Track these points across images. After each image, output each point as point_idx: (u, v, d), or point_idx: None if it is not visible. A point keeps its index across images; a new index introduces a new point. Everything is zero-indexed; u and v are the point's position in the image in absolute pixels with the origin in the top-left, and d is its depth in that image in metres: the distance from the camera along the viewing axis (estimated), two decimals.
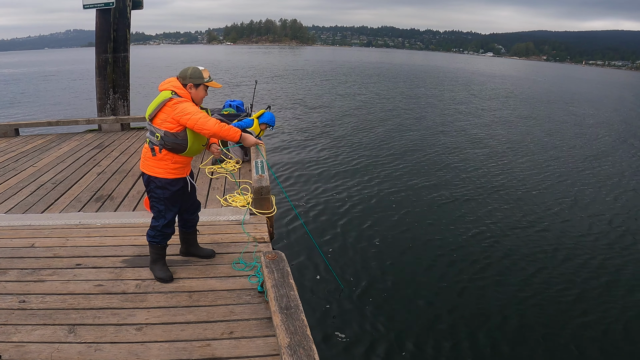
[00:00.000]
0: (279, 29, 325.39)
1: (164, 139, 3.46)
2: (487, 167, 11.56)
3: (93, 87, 11.18)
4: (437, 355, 4.54)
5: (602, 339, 4.88)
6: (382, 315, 5.11)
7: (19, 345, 2.93)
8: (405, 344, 4.66)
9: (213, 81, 3.63)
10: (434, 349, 4.63)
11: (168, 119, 3.40)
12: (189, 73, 3.50)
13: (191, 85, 3.51)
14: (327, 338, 4.67)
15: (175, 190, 3.67)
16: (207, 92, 3.65)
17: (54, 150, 8.26)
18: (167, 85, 3.54)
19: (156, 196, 3.68)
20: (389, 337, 4.75)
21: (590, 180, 10.90)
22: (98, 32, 10.14)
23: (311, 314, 4.93)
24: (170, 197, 3.67)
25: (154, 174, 3.60)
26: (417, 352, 4.56)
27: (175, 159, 3.57)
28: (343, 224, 7.55)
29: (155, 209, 3.74)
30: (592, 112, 24.45)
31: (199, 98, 3.59)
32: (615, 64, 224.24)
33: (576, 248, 7.07)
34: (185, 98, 3.48)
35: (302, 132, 15.11)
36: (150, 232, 3.78)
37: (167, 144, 3.47)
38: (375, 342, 4.66)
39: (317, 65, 57.65)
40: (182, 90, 3.51)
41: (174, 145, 3.48)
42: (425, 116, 19.66)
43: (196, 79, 3.51)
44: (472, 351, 4.62)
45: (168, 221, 3.73)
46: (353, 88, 31.11)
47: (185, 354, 2.90)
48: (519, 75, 60.97)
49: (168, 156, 3.54)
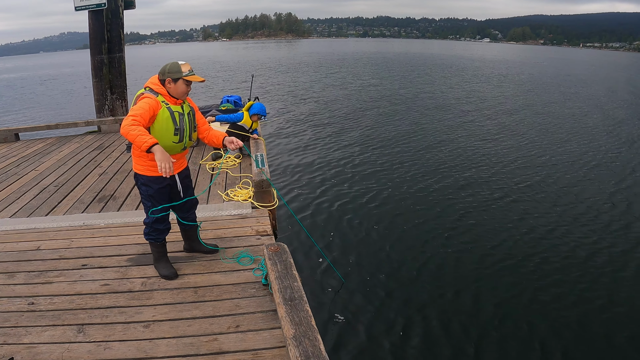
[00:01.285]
0: (274, 23, 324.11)
1: None
2: (489, 155, 11.55)
3: (90, 89, 11.20)
4: (442, 345, 4.58)
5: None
6: (385, 304, 5.15)
7: (30, 347, 2.98)
8: (409, 332, 4.70)
9: (193, 75, 3.55)
10: (438, 339, 4.66)
11: None
12: (167, 68, 3.45)
13: (169, 80, 3.45)
14: (332, 328, 4.71)
15: (158, 188, 3.65)
16: (189, 86, 3.55)
17: (55, 154, 8.30)
18: (147, 82, 3.54)
19: (142, 193, 3.70)
20: (394, 326, 4.78)
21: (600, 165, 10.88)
22: (92, 34, 10.14)
23: (315, 304, 4.98)
24: (154, 194, 3.66)
25: (137, 170, 3.62)
26: (422, 342, 4.59)
27: (151, 156, 3.43)
28: (341, 215, 7.56)
29: (144, 206, 3.77)
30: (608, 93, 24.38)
31: (179, 93, 3.50)
32: (612, 46, 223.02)
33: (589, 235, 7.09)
34: (160, 93, 3.46)
35: (300, 124, 15.09)
36: (145, 230, 3.82)
37: None
38: (380, 331, 4.69)
39: (315, 58, 57.39)
40: (158, 85, 3.48)
41: None
42: (424, 104, 19.60)
43: (174, 74, 3.44)
44: (475, 342, 4.66)
45: (157, 218, 3.74)
46: (353, 79, 31.00)
47: (193, 349, 2.94)
48: (520, 60, 60.62)
49: (142, 153, 3.50)
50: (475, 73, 37.13)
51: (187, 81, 3.50)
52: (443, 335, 4.69)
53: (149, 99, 3.37)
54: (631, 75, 41.15)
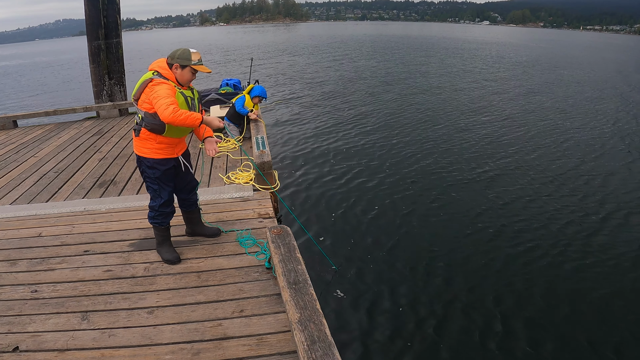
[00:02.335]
0: (271, 7, 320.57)
1: (144, 119, 3.46)
2: (493, 142, 11.48)
3: (88, 74, 11.10)
4: (445, 329, 4.58)
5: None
6: (390, 287, 5.14)
7: (35, 335, 2.96)
8: (415, 317, 4.69)
9: (202, 65, 3.56)
10: (442, 323, 4.66)
11: (146, 100, 3.39)
12: (178, 54, 3.44)
13: (177, 65, 3.44)
14: (337, 312, 4.69)
15: (165, 170, 3.65)
16: (195, 75, 3.56)
17: (54, 140, 8.24)
18: (154, 65, 3.52)
19: (148, 176, 3.68)
20: (399, 309, 4.77)
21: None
22: (88, 20, 10.02)
23: (319, 288, 4.96)
24: (161, 176, 3.66)
25: (141, 154, 3.60)
26: (427, 327, 4.59)
27: (159, 139, 3.54)
28: (342, 197, 7.52)
29: (150, 189, 3.74)
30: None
31: (185, 80, 3.51)
32: (613, 29, 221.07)
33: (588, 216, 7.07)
34: (169, 79, 3.44)
35: (300, 107, 14.96)
36: (150, 214, 3.80)
37: (147, 124, 3.46)
38: (384, 315, 4.68)
39: (314, 42, 56.86)
40: (167, 70, 3.46)
41: (153, 126, 3.45)
42: (424, 89, 19.45)
43: (183, 60, 3.43)
44: (474, 325, 4.66)
45: (165, 200, 3.73)
46: (352, 62, 30.73)
47: (198, 334, 2.93)
48: (519, 43, 60.17)
49: (151, 136, 3.52)
50: (474, 55, 36.84)
51: (193, 70, 3.50)
52: (446, 319, 4.68)
53: (166, 85, 3.37)
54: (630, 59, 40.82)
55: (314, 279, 3.86)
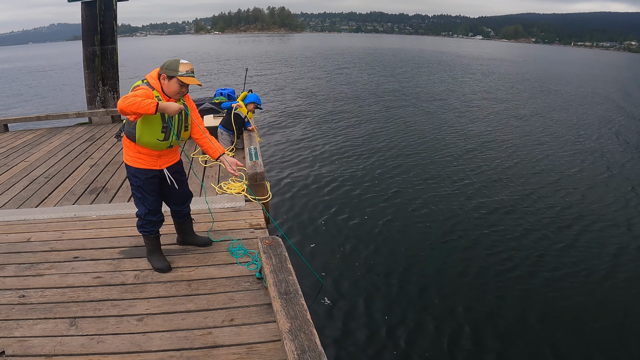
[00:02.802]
0: (267, 17, 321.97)
1: (125, 125, 3.49)
2: (483, 152, 11.59)
3: (82, 80, 11.07)
4: (435, 338, 4.60)
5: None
6: (381, 297, 5.16)
7: (22, 340, 2.94)
8: (405, 326, 4.71)
9: (191, 77, 3.38)
10: (432, 332, 4.68)
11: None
12: (167, 64, 3.34)
13: (164, 76, 3.34)
14: (328, 322, 4.70)
15: (146, 179, 3.59)
16: (185, 88, 3.41)
17: (45, 145, 8.20)
18: (147, 75, 3.48)
19: (132, 184, 3.68)
20: (389, 319, 4.79)
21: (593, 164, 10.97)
22: (84, 25, 10.02)
23: (310, 298, 4.97)
24: (142, 185, 3.61)
25: (125, 161, 3.60)
26: (417, 336, 4.60)
27: (137, 148, 3.48)
28: (334, 208, 7.55)
29: (134, 197, 3.73)
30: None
31: (171, 92, 3.37)
32: (603, 45, 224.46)
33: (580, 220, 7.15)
34: (156, 88, 3.36)
35: (293, 118, 15.04)
36: (137, 222, 3.78)
37: (125, 131, 3.48)
38: (375, 324, 4.70)
39: (309, 53, 57.18)
40: (155, 80, 3.40)
41: (128, 133, 3.45)
42: (417, 100, 19.62)
43: (170, 71, 3.31)
44: (467, 335, 4.68)
45: (149, 210, 3.69)
46: (347, 74, 30.94)
47: (187, 342, 2.92)
48: (511, 58, 60.88)
49: (129, 144, 3.51)
50: (465, 70, 37.23)
51: (181, 82, 3.36)
52: (436, 328, 4.71)
53: (145, 90, 3.28)
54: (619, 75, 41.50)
55: (305, 290, 3.87)
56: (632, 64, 67.17)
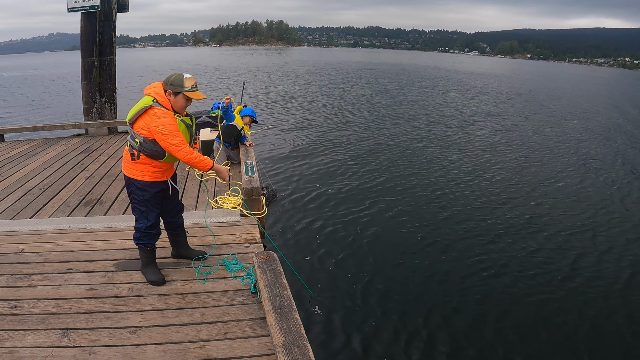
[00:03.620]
0: (265, 30, 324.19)
1: (142, 145, 3.45)
2: (474, 164, 11.67)
3: (79, 91, 11.10)
4: (432, 353, 4.59)
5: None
6: (376, 312, 5.15)
7: (13, 351, 2.92)
8: (400, 341, 4.70)
9: (196, 91, 3.48)
10: (429, 347, 4.67)
11: (146, 127, 3.37)
12: (171, 80, 3.40)
13: (170, 92, 3.41)
14: (322, 337, 4.68)
15: (155, 192, 3.66)
16: (190, 102, 3.51)
17: (41, 156, 8.19)
18: (150, 90, 3.48)
19: (137, 198, 3.67)
20: (384, 334, 4.78)
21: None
22: (83, 36, 10.06)
23: (305, 313, 4.96)
24: (150, 198, 3.66)
25: (133, 176, 3.59)
26: (412, 351, 4.59)
27: (155, 163, 3.55)
28: (330, 223, 7.56)
29: (137, 211, 3.74)
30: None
31: (178, 107, 3.47)
32: (597, 61, 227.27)
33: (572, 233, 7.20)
34: (166, 107, 3.42)
35: (290, 132, 15.12)
36: (135, 235, 3.78)
37: (146, 150, 3.46)
38: (370, 339, 4.69)
39: (307, 67, 57.55)
40: (163, 97, 3.44)
41: (152, 152, 3.46)
42: (413, 115, 19.77)
43: (176, 87, 3.39)
44: (463, 347, 4.69)
45: (152, 223, 3.72)
46: (343, 88, 31.14)
47: (180, 355, 2.91)
48: (505, 74, 61.48)
49: (147, 161, 3.53)
50: (459, 86, 37.56)
51: (187, 97, 3.45)
52: (431, 341, 4.70)
53: (170, 118, 3.38)
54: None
55: (299, 304, 3.87)
56: (627, 81, 67.95)
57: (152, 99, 3.43)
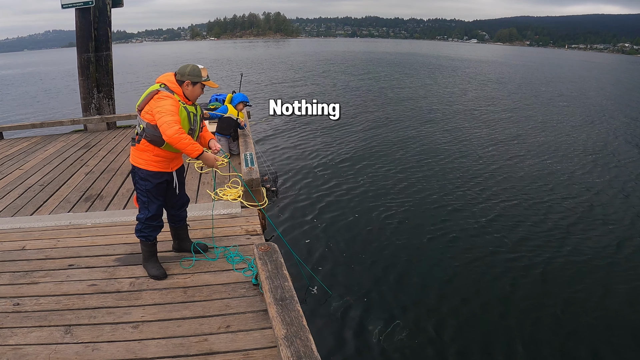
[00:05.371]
0: (262, 22, 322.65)
1: (145, 130, 3.49)
2: (484, 158, 11.63)
3: (76, 87, 11.06)
4: (434, 346, 4.59)
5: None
6: (377, 304, 5.15)
7: (16, 348, 2.92)
8: (401, 332, 4.70)
9: (210, 80, 3.66)
10: (430, 339, 4.67)
11: (150, 111, 3.42)
12: (188, 70, 3.51)
13: (189, 82, 3.52)
14: (324, 328, 4.69)
15: (157, 183, 3.67)
16: (203, 90, 3.67)
17: (40, 152, 8.18)
18: (162, 78, 3.57)
19: (140, 187, 3.68)
20: (385, 325, 4.78)
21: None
22: (78, 32, 10.02)
23: (306, 304, 4.96)
24: (152, 189, 3.67)
25: (136, 164, 3.61)
26: (413, 343, 4.60)
27: (157, 151, 3.56)
28: (331, 215, 7.55)
29: (139, 201, 3.75)
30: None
31: (194, 96, 3.60)
32: (597, 47, 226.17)
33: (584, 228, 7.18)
34: (176, 93, 3.50)
35: (289, 123, 15.05)
36: (137, 226, 3.79)
37: (147, 135, 3.49)
38: (371, 331, 4.69)
39: (304, 58, 57.29)
40: (175, 85, 3.52)
41: (153, 137, 3.48)
42: (417, 106, 19.68)
43: (194, 77, 3.51)
44: (467, 341, 4.68)
45: (152, 214, 3.73)
46: (343, 78, 31.00)
47: (183, 349, 2.92)
48: (505, 61, 61.21)
49: (149, 148, 3.54)
50: (461, 73, 37.42)
51: (203, 85, 3.60)
52: (435, 334, 4.69)
53: (171, 100, 3.42)
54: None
55: (301, 296, 3.86)
56: (626, 66, 67.66)
57: (160, 85, 3.50)
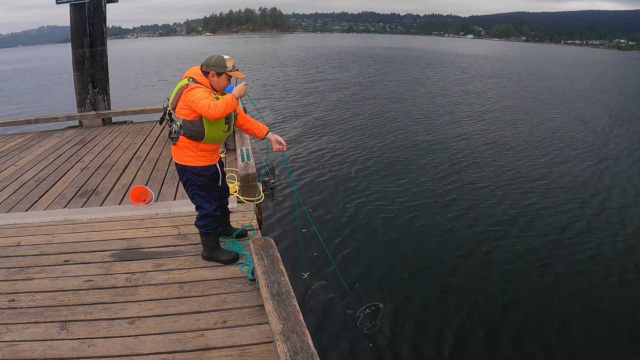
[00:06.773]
0: (258, 17, 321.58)
1: (182, 127, 3.48)
2: (488, 153, 11.64)
3: (71, 83, 11.00)
4: (432, 343, 4.60)
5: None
6: (374, 298, 5.15)
7: (12, 344, 2.91)
8: (398, 327, 4.70)
9: (237, 71, 3.61)
10: (428, 336, 4.68)
11: (184, 106, 3.42)
12: (213, 61, 3.49)
13: (214, 73, 3.49)
14: (320, 323, 4.69)
15: (210, 175, 3.71)
16: (230, 81, 3.65)
17: (35, 148, 8.14)
18: (189, 72, 3.57)
19: (195, 183, 3.70)
20: (382, 321, 4.78)
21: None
22: (73, 27, 9.94)
23: (303, 299, 4.96)
24: (208, 182, 3.72)
25: (184, 162, 3.62)
26: (411, 338, 4.60)
27: (200, 146, 3.57)
28: (328, 209, 7.55)
29: (197, 198, 3.76)
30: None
31: (221, 87, 3.57)
32: (593, 43, 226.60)
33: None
34: (204, 84, 3.50)
35: (287, 118, 15.04)
36: (200, 222, 3.80)
37: (186, 132, 3.49)
38: (367, 326, 4.69)
39: (300, 53, 57.19)
40: (202, 77, 3.52)
41: (192, 132, 3.48)
42: (415, 99, 19.68)
43: (219, 68, 3.49)
44: (469, 340, 4.70)
45: (216, 205, 3.81)
46: (339, 73, 30.97)
47: (180, 345, 2.91)
48: (500, 57, 61.26)
49: (191, 144, 3.55)
50: (461, 67, 37.43)
51: (229, 76, 3.56)
52: (432, 330, 4.70)
53: (202, 88, 3.42)
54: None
55: (297, 291, 3.86)
56: (622, 62, 67.89)
57: (188, 79, 3.51)
